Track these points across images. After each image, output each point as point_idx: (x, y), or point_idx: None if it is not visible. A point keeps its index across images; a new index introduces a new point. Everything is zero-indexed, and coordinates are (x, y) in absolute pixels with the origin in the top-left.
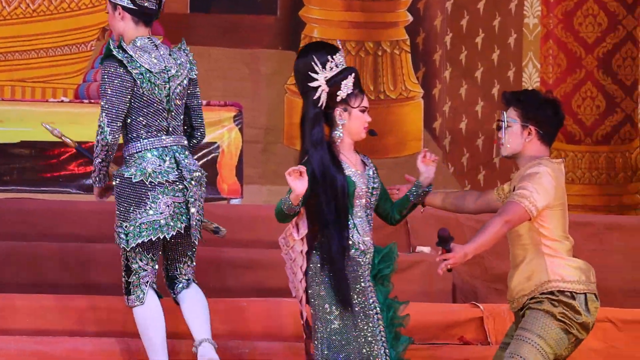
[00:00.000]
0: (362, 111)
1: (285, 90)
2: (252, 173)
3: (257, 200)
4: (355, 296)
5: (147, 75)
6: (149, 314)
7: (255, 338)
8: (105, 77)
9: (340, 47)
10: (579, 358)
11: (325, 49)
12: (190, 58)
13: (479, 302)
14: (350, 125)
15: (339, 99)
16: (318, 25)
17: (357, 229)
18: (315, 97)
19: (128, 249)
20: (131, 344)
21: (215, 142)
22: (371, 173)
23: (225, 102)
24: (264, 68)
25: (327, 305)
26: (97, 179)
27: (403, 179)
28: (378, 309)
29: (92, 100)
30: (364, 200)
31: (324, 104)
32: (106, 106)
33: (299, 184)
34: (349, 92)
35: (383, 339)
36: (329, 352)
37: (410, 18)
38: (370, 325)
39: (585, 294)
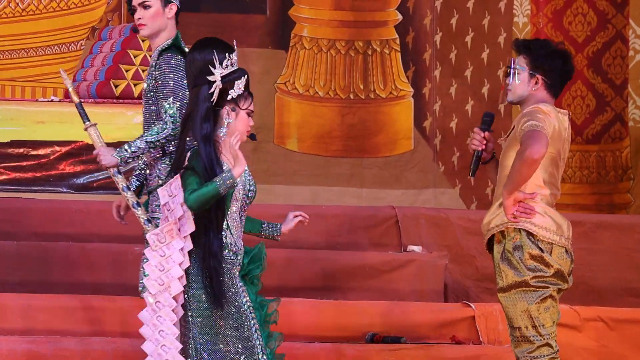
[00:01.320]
0: (248, 114)
1: (275, 89)
2: None
3: None
4: (229, 296)
5: None
6: None
7: None
8: (173, 66)
9: (236, 47)
10: (571, 357)
11: (224, 47)
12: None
13: (471, 302)
14: (235, 125)
15: (229, 97)
16: (308, 25)
17: (230, 231)
18: (208, 92)
19: None
20: (120, 343)
21: None
22: (248, 176)
23: None
24: (253, 67)
25: (204, 306)
26: (130, 158)
27: (393, 178)
28: (252, 307)
29: (82, 100)
30: (239, 203)
31: (214, 100)
32: (176, 96)
33: (240, 161)
34: (240, 92)
35: (259, 337)
36: (206, 353)
37: (399, 17)
38: (246, 324)
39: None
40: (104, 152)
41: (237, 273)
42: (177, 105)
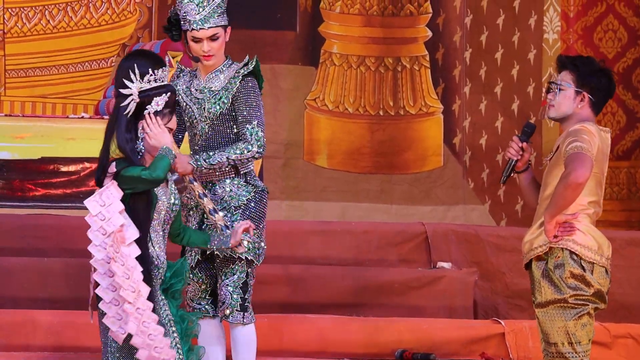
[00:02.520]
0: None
1: (305, 105)
2: (272, 188)
3: (278, 216)
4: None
5: None
6: (255, 329)
7: (276, 355)
8: (256, 91)
9: (168, 63)
10: None
11: (150, 60)
12: None
13: (500, 318)
14: (147, 138)
15: (146, 112)
16: (338, 41)
17: (152, 243)
18: (123, 104)
19: (258, 264)
20: None
21: None
22: (173, 189)
23: None
24: (283, 83)
25: None
26: (205, 169)
27: (423, 194)
28: (172, 321)
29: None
30: (162, 214)
31: (130, 113)
32: (260, 119)
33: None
34: (158, 109)
35: (180, 350)
36: None
37: (429, 34)
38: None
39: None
40: (178, 161)
41: (158, 287)
42: (262, 129)
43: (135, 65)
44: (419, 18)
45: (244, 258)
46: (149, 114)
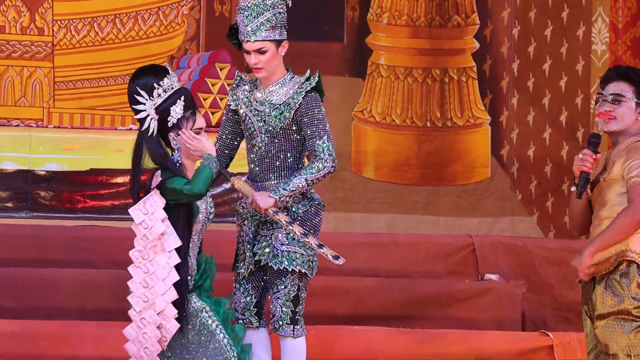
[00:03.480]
0: (197, 132)
1: (352, 117)
2: None
3: (325, 228)
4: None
5: None
6: (305, 342)
7: None
8: (320, 105)
9: (169, 68)
10: None
11: (152, 74)
12: None
13: (549, 331)
14: (186, 148)
15: (170, 124)
16: (385, 53)
17: (189, 253)
18: (144, 128)
19: (311, 277)
20: None
21: None
22: (209, 198)
23: None
24: (331, 95)
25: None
26: (288, 197)
27: (470, 206)
28: (207, 307)
29: None
30: (200, 225)
31: (154, 132)
32: (329, 134)
33: (203, 142)
34: (179, 116)
35: (225, 335)
36: None
37: (477, 45)
38: (208, 328)
39: None
40: (258, 197)
41: (190, 291)
42: (332, 143)
43: (137, 87)
44: (466, 29)
45: (297, 271)
46: (178, 133)
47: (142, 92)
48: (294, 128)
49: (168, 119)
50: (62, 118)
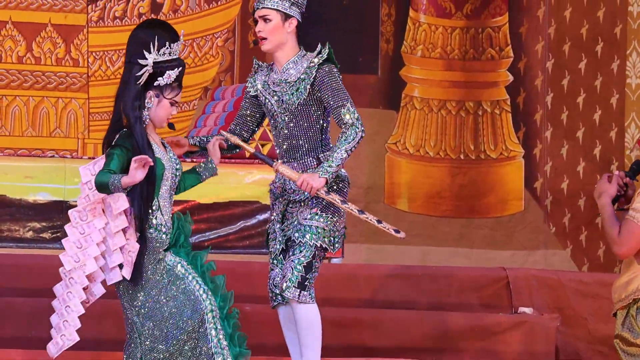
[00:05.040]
0: (172, 104)
1: (385, 149)
2: (352, 231)
3: (357, 259)
4: (158, 272)
5: None
6: (318, 313)
7: None
8: (336, 76)
9: (182, 38)
10: None
11: (168, 33)
12: None
13: None
14: (156, 112)
15: (156, 84)
16: (419, 85)
17: (161, 211)
18: (138, 74)
19: (333, 252)
20: None
21: None
22: (172, 155)
23: None
24: (365, 127)
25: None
26: (336, 173)
27: (504, 239)
28: (184, 262)
29: (195, 160)
30: (169, 182)
31: (142, 83)
32: (350, 100)
33: (139, 174)
34: (169, 82)
35: (202, 285)
36: (151, 321)
37: (510, 78)
38: (183, 280)
39: None
40: (307, 178)
41: (165, 251)
42: (355, 108)
43: (155, 36)
44: (500, 62)
45: (319, 245)
46: (157, 94)
47: (156, 43)
48: (312, 103)
49: (158, 78)
50: (97, 149)
